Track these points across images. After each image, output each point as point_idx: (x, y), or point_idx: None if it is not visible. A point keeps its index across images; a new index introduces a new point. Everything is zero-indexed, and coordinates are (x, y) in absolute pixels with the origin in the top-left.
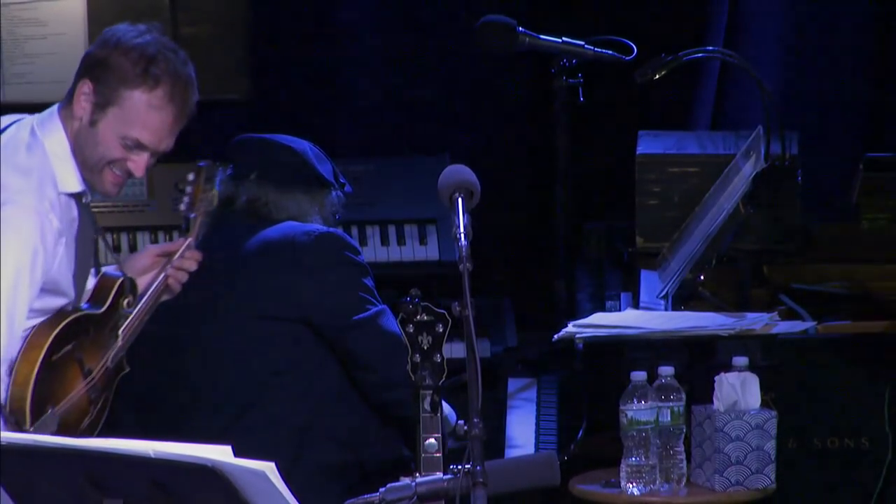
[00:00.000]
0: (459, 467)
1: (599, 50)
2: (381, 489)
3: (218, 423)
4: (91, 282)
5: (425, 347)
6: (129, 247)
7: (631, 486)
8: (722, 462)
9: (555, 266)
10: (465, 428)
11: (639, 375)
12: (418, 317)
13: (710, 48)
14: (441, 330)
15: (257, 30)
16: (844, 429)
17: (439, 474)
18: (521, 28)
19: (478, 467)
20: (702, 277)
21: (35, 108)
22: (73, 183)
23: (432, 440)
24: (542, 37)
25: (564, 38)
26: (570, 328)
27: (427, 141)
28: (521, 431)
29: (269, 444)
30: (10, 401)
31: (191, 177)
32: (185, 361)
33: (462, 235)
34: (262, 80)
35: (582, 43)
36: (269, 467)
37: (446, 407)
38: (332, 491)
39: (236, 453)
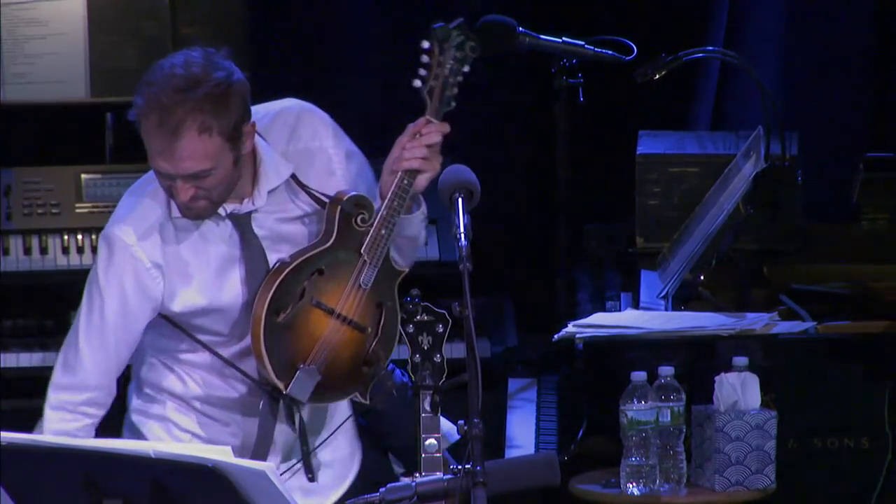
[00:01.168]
0: (460, 467)
1: (599, 50)
2: (382, 489)
3: None
4: None
5: (425, 347)
6: None
7: (631, 486)
8: (722, 462)
9: (555, 266)
10: (466, 428)
11: (639, 376)
12: (418, 317)
13: (710, 48)
14: (441, 330)
15: (255, 31)
16: (844, 429)
17: (439, 474)
18: (521, 28)
19: (478, 467)
20: (702, 277)
21: (35, 107)
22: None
23: (432, 440)
24: (542, 37)
25: (564, 38)
26: (571, 328)
27: None
28: (522, 431)
29: None
30: (260, 378)
31: (425, 44)
32: None
33: (462, 235)
34: (259, 81)
35: (582, 43)
36: (268, 467)
37: (445, 424)
38: None
39: None
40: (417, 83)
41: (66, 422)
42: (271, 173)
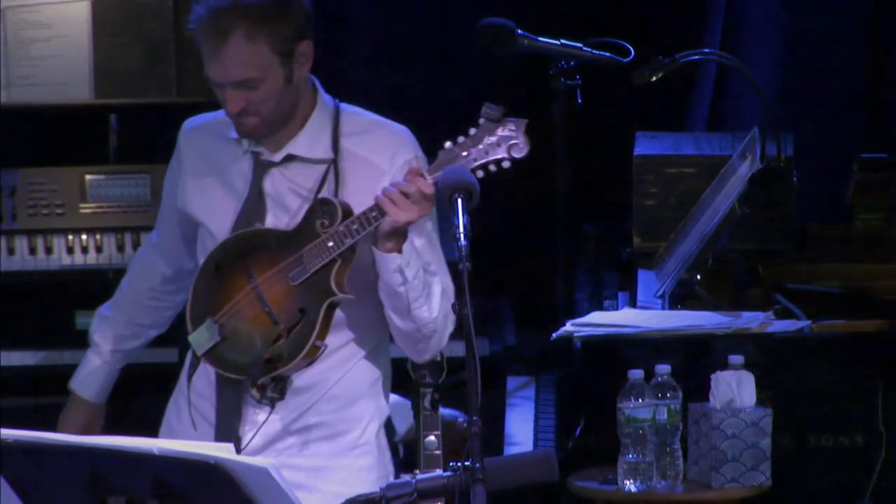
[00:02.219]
0: (459, 464)
1: (597, 52)
2: (382, 486)
3: None
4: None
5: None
6: (132, 245)
7: (628, 482)
8: (718, 459)
9: (553, 266)
10: (466, 425)
11: (636, 374)
12: None
13: (707, 50)
14: None
15: None
16: (838, 426)
17: (439, 471)
18: (519, 30)
19: (477, 464)
20: (698, 277)
21: (40, 109)
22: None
23: (432, 437)
24: (541, 39)
25: (563, 41)
26: (569, 327)
27: (427, 143)
28: (520, 429)
29: None
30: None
31: (481, 119)
32: None
33: (462, 236)
34: None
35: (580, 45)
36: (270, 464)
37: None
38: None
39: None
40: (448, 144)
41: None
42: (304, 141)
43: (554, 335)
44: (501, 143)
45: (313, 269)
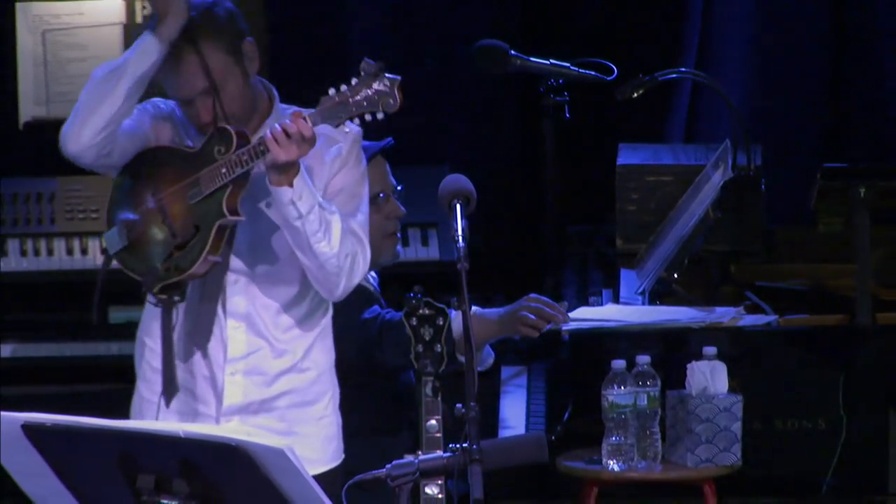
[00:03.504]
0: (458, 446)
1: (583, 71)
2: (388, 465)
3: None
4: None
5: (427, 338)
6: None
7: (612, 462)
8: (693, 441)
9: (543, 265)
10: (463, 411)
11: (619, 364)
12: (421, 311)
13: (683, 69)
14: (441, 323)
15: (274, 55)
16: (803, 411)
17: (439, 452)
18: (513, 51)
19: (474, 446)
20: (675, 276)
21: None
22: None
23: (433, 422)
24: (532, 59)
25: (552, 60)
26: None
27: (429, 153)
28: (513, 414)
29: None
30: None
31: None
32: None
33: (460, 238)
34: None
35: (567, 64)
36: (286, 445)
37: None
38: None
39: None
40: (331, 91)
41: None
42: (265, 127)
43: (544, 328)
44: (377, 96)
45: (207, 192)
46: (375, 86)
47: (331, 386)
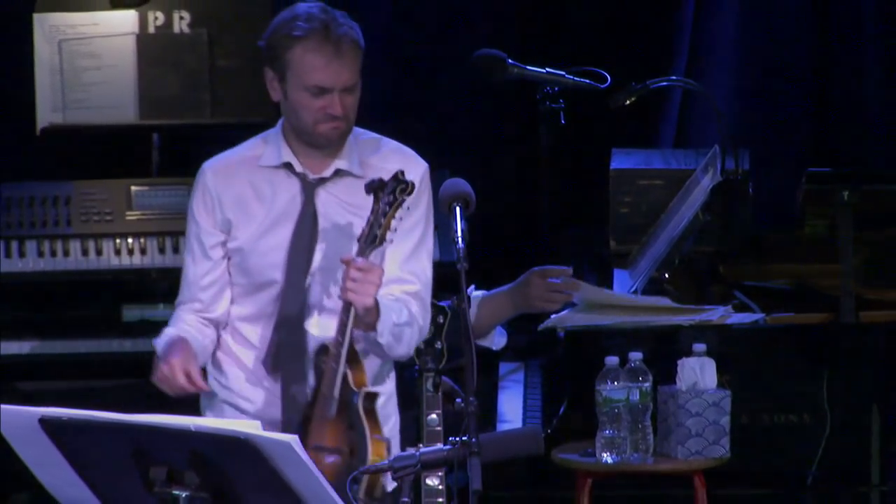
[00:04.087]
0: (457, 439)
1: (578, 79)
2: (390, 458)
3: None
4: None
5: (428, 336)
6: (172, 248)
7: (605, 455)
8: (683, 435)
9: (539, 265)
10: (463, 405)
11: (612, 360)
12: None
13: (674, 77)
14: (441, 321)
15: None
16: (789, 406)
17: (440, 445)
18: (510, 60)
19: (473, 439)
20: (666, 275)
21: (91, 129)
22: (272, 158)
23: (434, 416)
24: (529, 68)
25: (548, 69)
26: (553, 319)
27: (429, 158)
28: (511, 408)
29: None
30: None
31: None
32: None
33: (459, 239)
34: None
35: (563, 73)
36: (293, 439)
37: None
38: None
39: None
40: (359, 230)
41: (189, 322)
42: (346, 157)
43: (540, 326)
44: (394, 192)
45: (337, 395)
46: (389, 187)
47: (394, 410)
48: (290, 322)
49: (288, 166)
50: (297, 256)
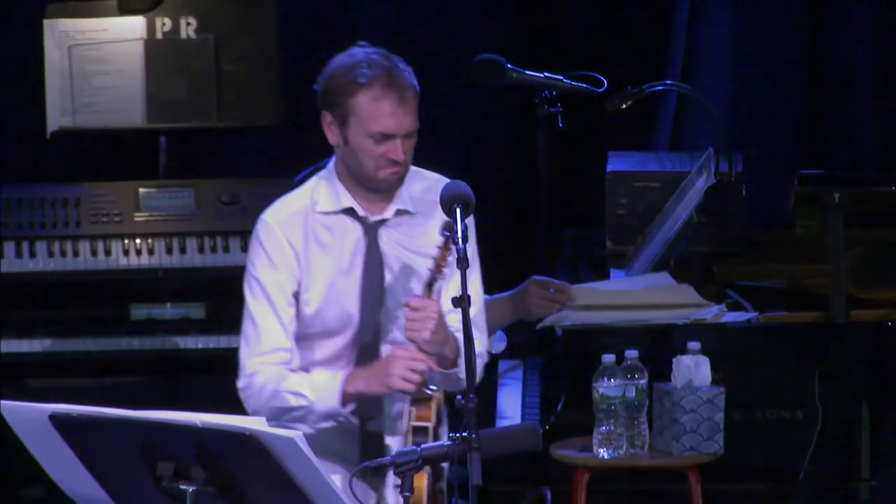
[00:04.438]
0: (458, 435)
1: (575, 83)
2: (392, 453)
3: None
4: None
5: None
6: (179, 248)
7: (602, 450)
8: (678, 431)
9: (538, 265)
10: (463, 402)
11: (608, 358)
12: None
13: (669, 82)
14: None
15: (286, 68)
16: (781, 403)
17: (440, 441)
18: (509, 65)
19: (473, 435)
20: None
21: (100, 132)
22: (330, 204)
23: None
24: (528, 72)
25: (546, 74)
26: (551, 318)
27: (432, 161)
28: (510, 405)
29: None
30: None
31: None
32: None
33: (460, 239)
34: (290, 109)
35: (561, 77)
36: (297, 435)
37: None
38: None
39: None
40: (427, 273)
41: (277, 372)
42: (404, 196)
43: (539, 325)
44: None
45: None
46: (451, 250)
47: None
48: (367, 362)
49: (349, 211)
50: (369, 300)
